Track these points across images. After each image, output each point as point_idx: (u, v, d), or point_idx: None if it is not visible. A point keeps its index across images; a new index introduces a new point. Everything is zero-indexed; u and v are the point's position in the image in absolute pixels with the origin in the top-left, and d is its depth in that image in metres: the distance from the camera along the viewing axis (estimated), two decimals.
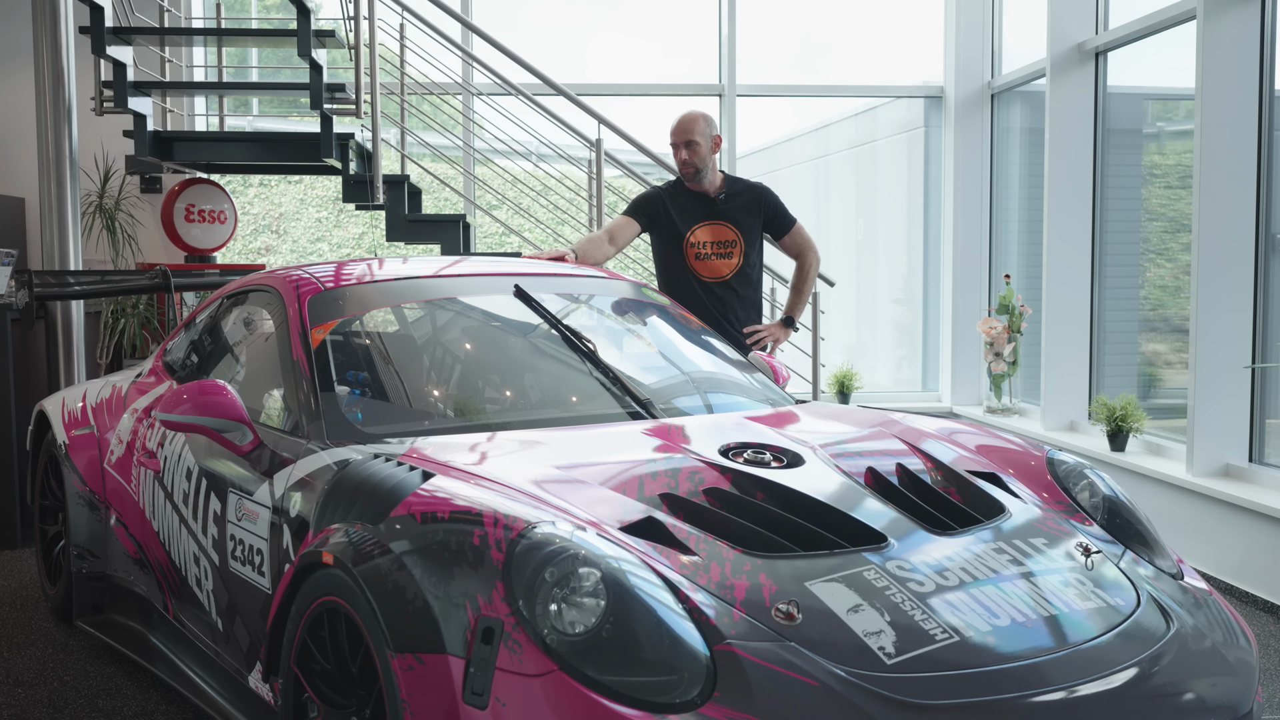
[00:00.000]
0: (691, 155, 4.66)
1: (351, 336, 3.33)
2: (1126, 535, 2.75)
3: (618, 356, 3.47)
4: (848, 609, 2.18)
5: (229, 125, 7.63)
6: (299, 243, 9.93)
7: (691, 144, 4.66)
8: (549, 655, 1.99)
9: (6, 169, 7.55)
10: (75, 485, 4.08)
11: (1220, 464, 5.23)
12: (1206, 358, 5.20)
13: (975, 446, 3.03)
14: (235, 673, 2.99)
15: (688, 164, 4.68)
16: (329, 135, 6.11)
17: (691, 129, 4.66)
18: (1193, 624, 2.46)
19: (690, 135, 4.66)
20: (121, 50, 6.09)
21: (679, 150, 4.69)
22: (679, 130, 4.69)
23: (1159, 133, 6.72)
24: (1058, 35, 6.71)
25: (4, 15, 7.59)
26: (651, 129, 6.92)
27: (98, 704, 3.56)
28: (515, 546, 2.12)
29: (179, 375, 3.90)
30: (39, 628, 4.30)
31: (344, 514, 2.46)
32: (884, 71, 8.70)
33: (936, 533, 2.49)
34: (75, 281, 5.80)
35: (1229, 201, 5.17)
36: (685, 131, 4.67)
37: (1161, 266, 6.43)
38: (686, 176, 4.72)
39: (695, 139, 4.65)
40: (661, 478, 2.58)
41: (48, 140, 6.02)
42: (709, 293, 4.69)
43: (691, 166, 4.68)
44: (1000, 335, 7.32)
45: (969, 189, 8.12)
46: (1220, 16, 5.17)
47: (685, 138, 4.67)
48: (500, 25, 7.85)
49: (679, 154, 4.69)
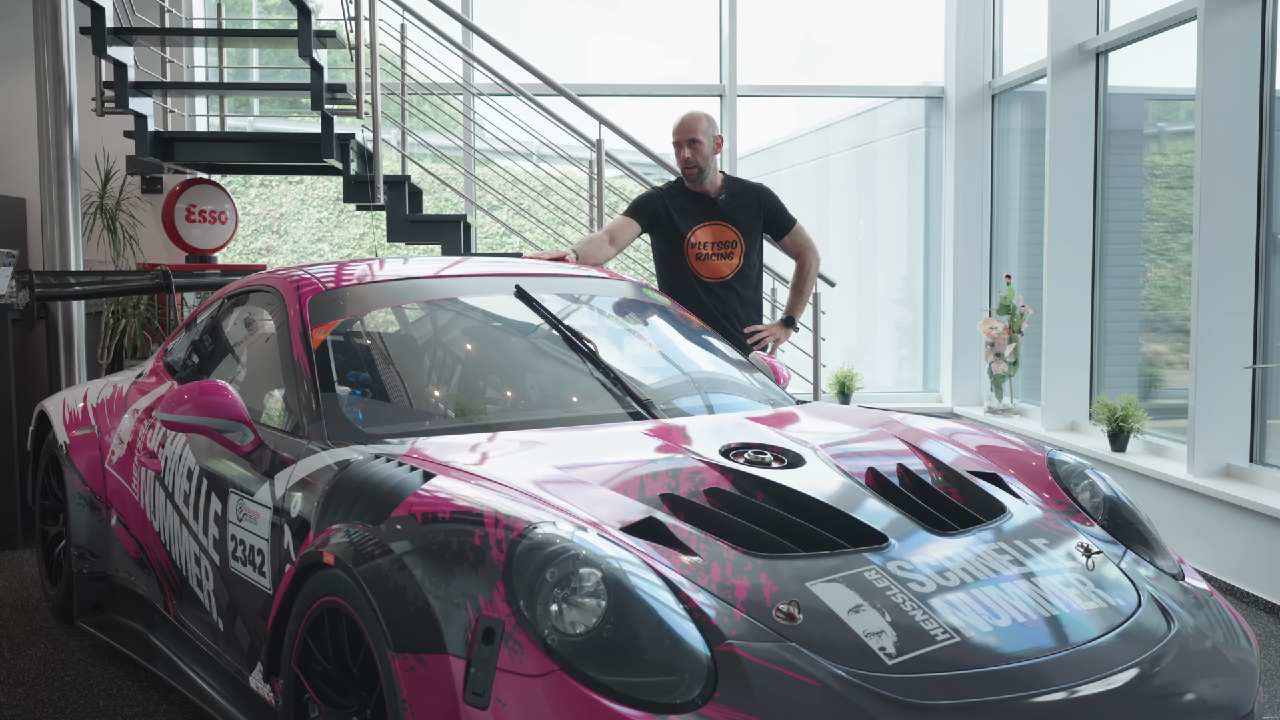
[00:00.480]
0: (694, 154, 4.66)
1: (352, 337, 3.34)
2: (1127, 535, 2.75)
3: (618, 357, 3.47)
4: (848, 609, 2.18)
5: (230, 126, 7.63)
6: (300, 243, 9.94)
7: (695, 143, 4.66)
8: (550, 655, 1.99)
9: (7, 169, 7.55)
10: (76, 485, 4.09)
11: (1221, 464, 5.23)
12: (1207, 358, 5.20)
13: (976, 447, 3.03)
14: (236, 673, 2.99)
15: (690, 163, 4.68)
16: (330, 136, 6.12)
17: (695, 128, 4.66)
18: (1194, 624, 2.46)
19: (694, 134, 4.66)
20: (122, 51, 6.09)
21: (682, 149, 4.69)
22: (682, 129, 4.69)
23: (1160, 133, 6.72)
24: (1058, 36, 6.71)
25: (5, 16, 7.59)
26: (652, 129, 6.92)
27: (99, 704, 3.56)
28: (516, 547, 2.12)
29: (180, 376, 3.90)
30: (40, 628, 4.30)
31: (345, 514, 2.46)
32: (885, 72, 8.70)
33: (937, 533, 2.49)
34: (76, 282, 5.81)
35: (1230, 202, 5.17)
36: (688, 130, 4.67)
37: (1162, 267, 6.43)
38: (689, 176, 4.72)
39: (698, 138, 4.65)
40: (662, 478, 2.58)
41: (49, 140, 6.02)
42: (710, 293, 4.69)
43: (694, 166, 4.68)
44: (1001, 335, 7.32)
45: (970, 189, 8.12)
46: (1221, 17, 5.17)
47: (688, 136, 4.67)
48: (500, 26, 7.85)
49: (682, 153, 4.69)
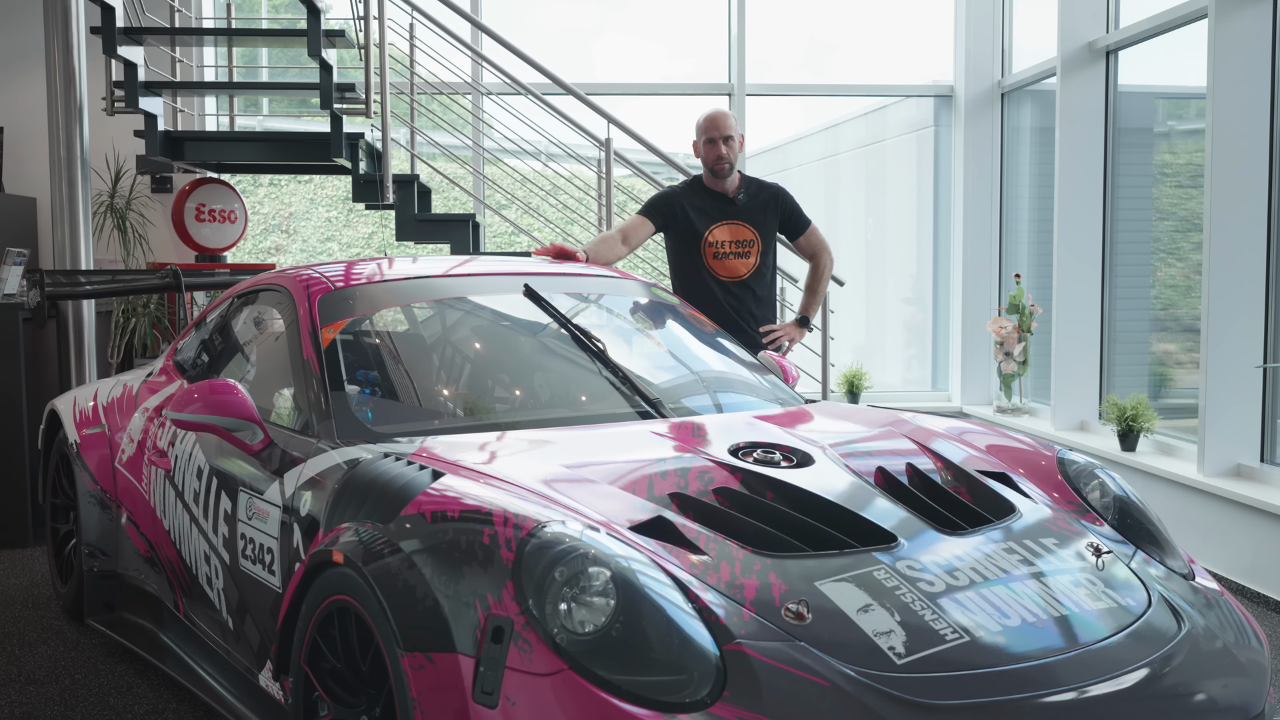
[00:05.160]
0: (729, 150, 4.61)
1: (361, 336, 3.34)
2: (1137, 535, 2.74)
3: (627, 356, 3.47)
4: (858, 609, 2.18)
5: (239, 125, 7.65)
6: (309, 242, 9.96)
7: (730, 139, 4.61)
8: (559, 654, 1.99)
9: (18, 169, 7.58)
10: (86, 484, 4.10)
11: (1231, 464, 5.21)
12: (1218, 357, 5.18)
13: (985, 446, 3.03)
14: (246, 671, 3.00)
15: (724, 159, 4.62)
16: (339, 135, 6.12)
17: (728, 125, 4.62)
18: (1204, 624, 2.45)
19: (729, 130, 4.61)
20: (132, 50, 6.11)
21: (716, 145, 4.61)
22: (716, 125, 4.62)
23: (1170, 132, 6.70)
24: (1068, 34, 6.69)
25: (15, 16, 7.62)
26: (660, 128, 6.93)
27: (109, 702, 3.58)
28: (525, 546, 2.12)
29: (190, 374, 3.91)
30: (50, 626, 4.31)
31: (354, 513, 2.46)
32: (894, 70, 8.69)
33: (947, 532, 2.49)
34: (86, 281, 5.82)
35: (1240, 201, 5.16)
36: (723, 127, 4.61)
37: (1172, 266, 6.41)
38: (720, 172, 4.65)
39: (733, 134, 4.62)
40: (671, 477, 2.58)
41: (59, 140, 6.04)
42: (726, 292, 4.67)
43: (727, 162, 4.63)
44: (1010, 335, 7.30)
45: (979, 188, 8.10)
46: (1231, 15, 5.15)
47: (724, 133, 4.61)
48: (508, 26, 7.85)
49: (716, 149, 4.61)
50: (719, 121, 4.63)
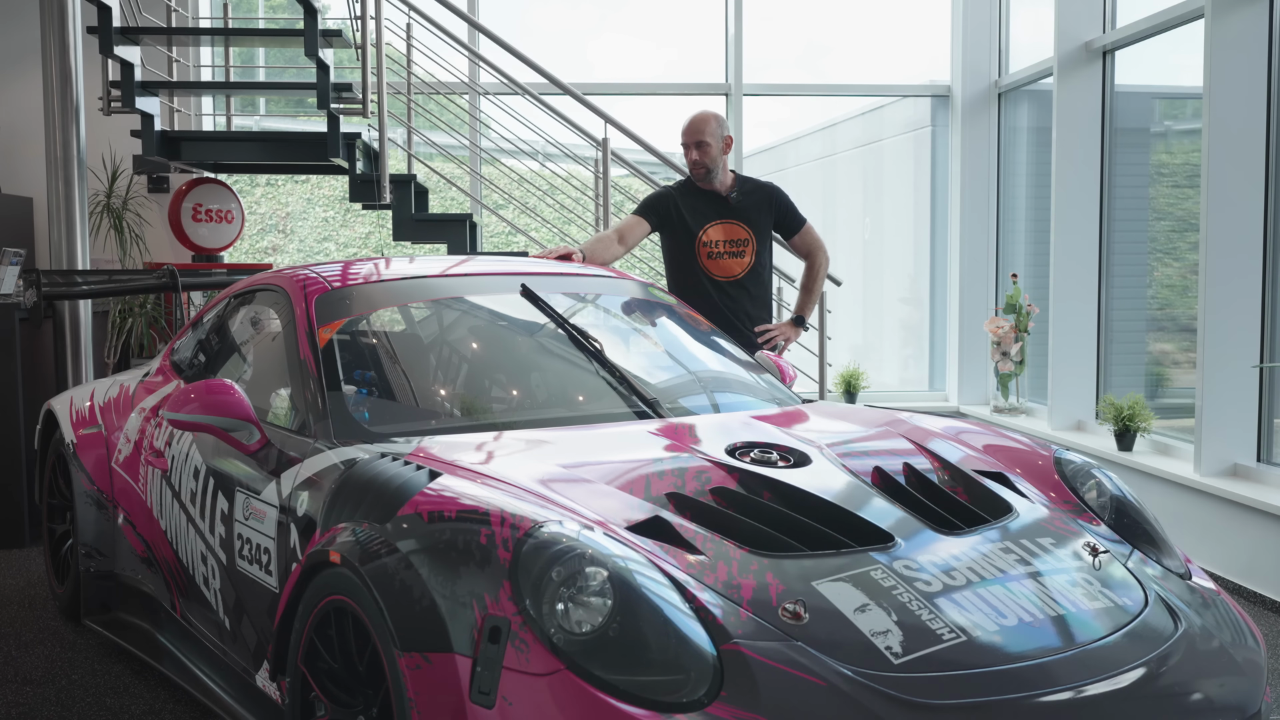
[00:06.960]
0: (702, 156, 4.66)
1: (358, 336, 3.34)
2: (1134, 535, 2.74)
3: (624, 356, 3.47)
4: (855, 608, 2.18)
5: (236, 125, 7.64)
6: (306, 242, 9.95)
7: (702, 144, 4.65)
8: (556, 654, 1.99)
9: (15, 169, 7.57)
10: (83, 484, 4.09)
11: (1228, 464, 5.22)
12: (1214, 357, 5.19)
13: (982, 446, 3.03)
14: (243, 671, 2.99)
15: (698, 164, 4.67)
16: (336, 135, 6.12)
17: (703, 129, 4.65)
18: (1201, 624, 2.46)
19: (701, 136, 4.65)
20: (129, 50, 6.10)
21: (689, 150, 4.68)
22: (690, 130, 4.68)
23: (1167, 131, 6.71)
24: (1065, 34, 6.70)
25: (12, 16, 7.61)
26: (657, 128, 6.94)
27: (105, 702, 3.57)
28: (522, 545, 2.12)
29: (186, 374, 3.91)
30: (47, 626, 4.31)
31: (351, 513, 2.46)
32: (891, 70, 8.69)
33: (944, 532, 2.49)
34: (83, 281, 5.82)
35: (1237, 200, 5.16)
36: (696, 132, 4.66)
37: (1169, 266, 6.42)
38: (697, 177, 4.72)
39: (706, 139, 4.65)
40: (668, 477, 2.58)
41: (55, 140, 6.03)
42: (721, 292, 4.68)
43: (702, 167, 4.68)
44: (1007, 334, 7.30)
45: (976, 188, 8.11)
46: (1228, 15, 5.15)
47: (696, 138, 4.66)
48: (505, 26, 7.86)
49: (689, 154, 4.68)
50: (691, 126, 4.68)
